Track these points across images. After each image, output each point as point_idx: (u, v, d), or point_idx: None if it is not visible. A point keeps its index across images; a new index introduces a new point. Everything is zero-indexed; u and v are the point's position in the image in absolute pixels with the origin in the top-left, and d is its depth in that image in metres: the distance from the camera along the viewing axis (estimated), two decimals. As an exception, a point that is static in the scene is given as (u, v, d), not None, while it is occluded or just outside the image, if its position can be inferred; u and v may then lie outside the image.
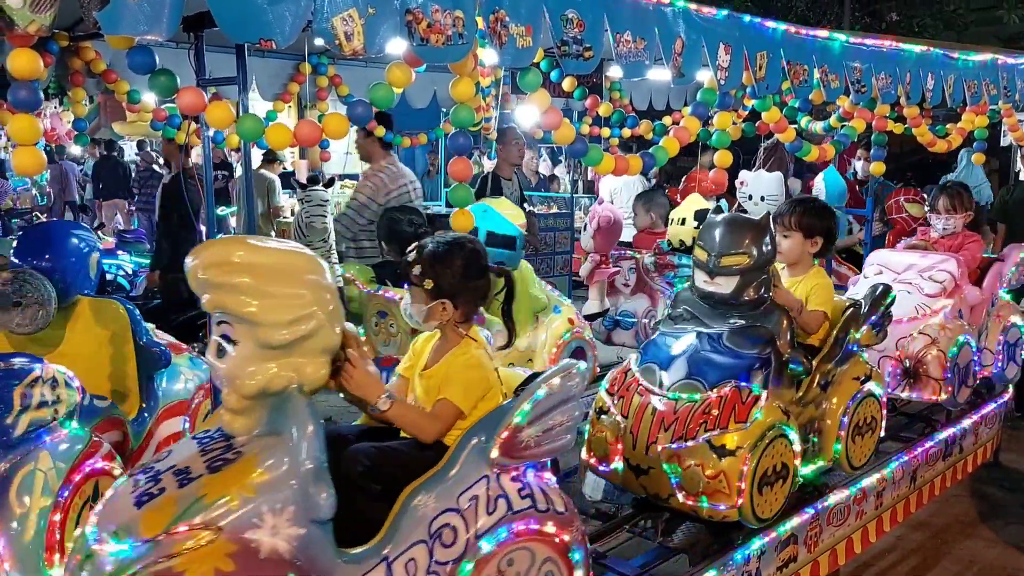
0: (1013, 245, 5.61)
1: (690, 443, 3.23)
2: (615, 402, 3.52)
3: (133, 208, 13.80)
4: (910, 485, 4.47)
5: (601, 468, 3.51)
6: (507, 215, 4.67)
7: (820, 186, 6.73)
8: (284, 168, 10.10)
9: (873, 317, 3.95)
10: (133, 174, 14.22)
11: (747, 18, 3.91)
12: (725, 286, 3.39)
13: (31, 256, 3.33)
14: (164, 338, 3.91)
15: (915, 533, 4.77)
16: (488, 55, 3.07)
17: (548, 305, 5.02)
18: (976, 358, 4.91)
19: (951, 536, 4.79)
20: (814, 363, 3.66)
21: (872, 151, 5.71)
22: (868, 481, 4.08)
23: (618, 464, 3.44)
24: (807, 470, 3.68)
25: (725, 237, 3.38)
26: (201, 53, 3.36)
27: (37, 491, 2.66)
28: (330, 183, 6.31)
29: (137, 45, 3.19)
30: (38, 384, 2.81)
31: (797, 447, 3.41)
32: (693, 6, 3.64)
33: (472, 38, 2.85)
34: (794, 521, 3.74)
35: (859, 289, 4.77)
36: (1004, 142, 7.90)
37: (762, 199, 5.78)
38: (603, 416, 3.54)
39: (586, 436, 3.61)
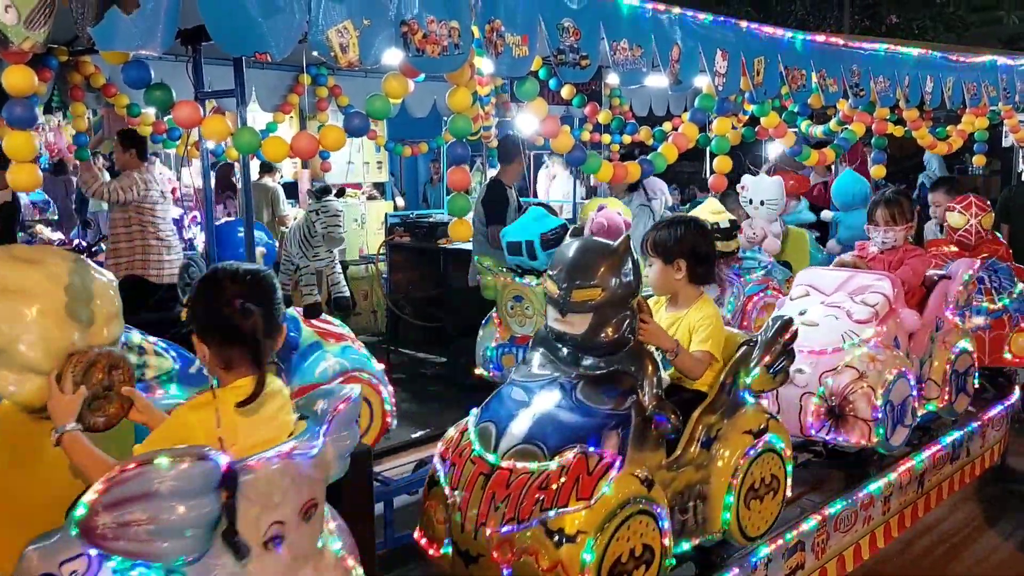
0: (961, 261, 5.14)
1: (523, 526, 2.67)
2: (447, 470, 2.94)
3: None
4: (917, 490, 4.45)
5: (431, 552, 2.97)
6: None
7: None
8: (281, 177, 10.12)
9: (768, 357, 3.30)
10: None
11: (744, 24, 3.91)
12: (578, 325, 2.87)
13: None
14: (319, 326, 4.26)
15: (923, 538, 4.74)
16: (485, 65, 3.07)
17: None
18: (915, 393, 4.21)
19: (959, 540, 4.77)
20: (694, 416, 3.09)
21: (872, 154, 5.71)
22: (875, 486, 4.08)
23: (447, 548, 2.90)
24: (688, 546, 3.13)
25: (575, 267, 2.86)
26: (199, 66, 3.37)
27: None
28: (340, 193, 6.31)
29: (133, 59, 3.20)
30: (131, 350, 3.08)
31: (666, 523, 2.84)
32: (690, 13, 3.63)
33: (468, 48, 2.84)
34: (801, 528, 3.73)
35: (785, 313, 4.22)
36: (1006, 143, 7.89)
37: (762, 203, 5.75)
38: (434, 487, 2.98)
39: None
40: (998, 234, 6.09)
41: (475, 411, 3.07)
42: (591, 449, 2.73)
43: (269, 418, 2.12)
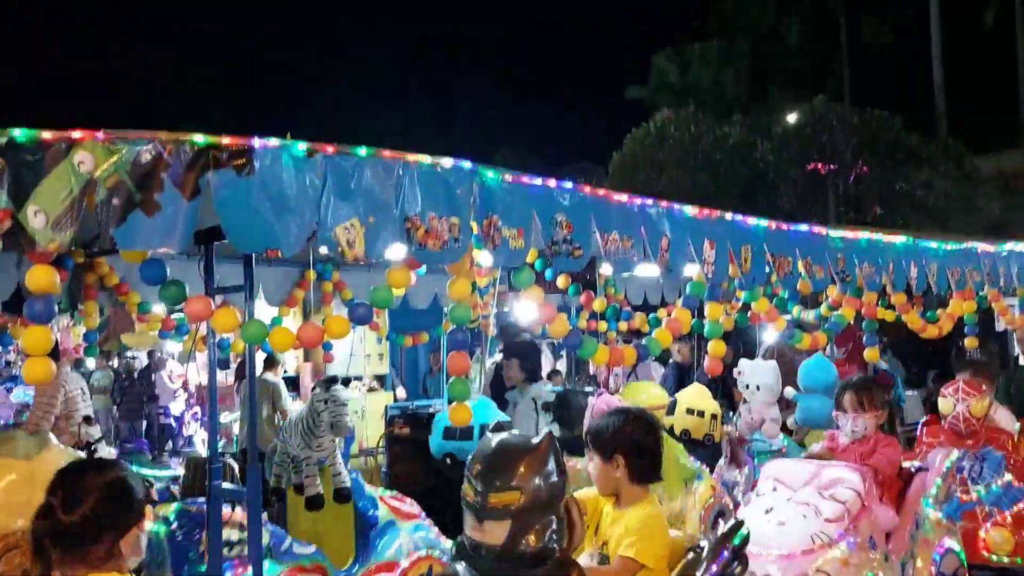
0: (937, 450, 4.89)
1: None
2: None
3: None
4: None
5: None
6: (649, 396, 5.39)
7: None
8: (285, 371, 10.21)
9: (715, 566, 2.94)
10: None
11: (729, 216, 4.12)
12: (495, 533, 2.56)
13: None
14: (393, 504, 4.55)
15: None
16: (483, 257, 3.23)
17: (694, 473, 5.30)
18: None
19: None
20: None
21: (865, 338, 5.83)
22: None
23: None
24: None
25: (491, 467, 2.59)
26: (211, 264, 3.53)
27: None
28: (347, 382, 6.37)
29: (150, 258, 3.36)
30: (226, 526, 3.60)
31: None
32: (676, 206, 3.85)
33: (467, 241, 3.01)
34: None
35: (748, 512, 4.10)
36: (999, 327, 8.05)
37: (758, 388, 5.80)
38: None
39: None
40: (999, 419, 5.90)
41: None
42: None
43: None
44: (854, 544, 3.81)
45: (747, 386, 6.06)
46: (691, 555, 3.00)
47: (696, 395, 5.88)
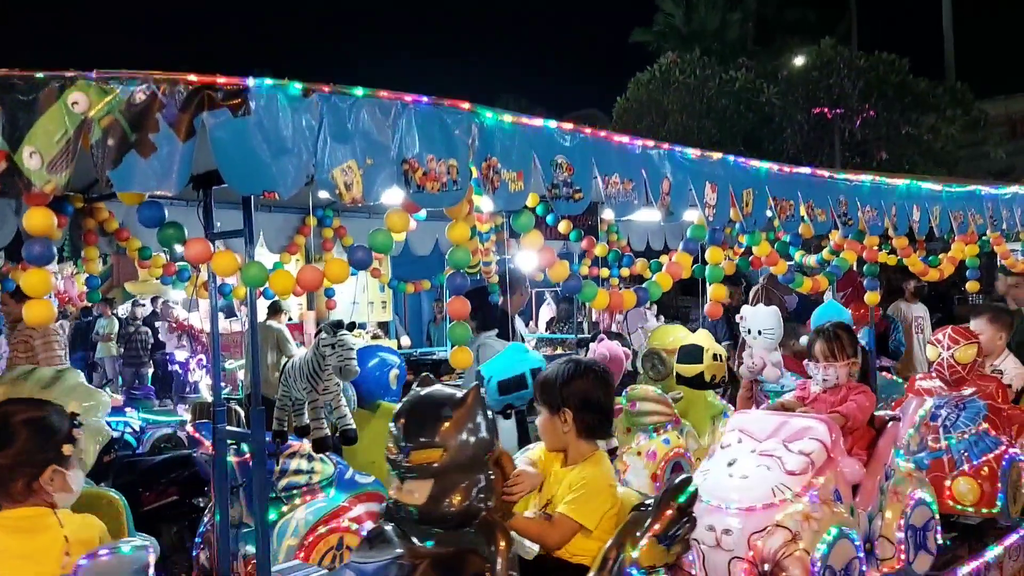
0: (911, 398, 5.00)
1: None
2: None
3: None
4: (933, 621, 4.30)
5: None
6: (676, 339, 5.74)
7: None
8: (290, 319, 10.27)
9: (657, 525, 2.78)
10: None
11: (731, 159, 4.08)
12: (417, 493, 2.48)
13: None
14: None
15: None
16: (483, 202, 3.21)
17: (721, 410, 5.68)
18: (861, 555, 3.71)
19: None
20: None
21: (865, 282, 5.82)
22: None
23: None
24: None
25: (413, 422, 2.49)
26: (209, 209, 3.52)
27: (289, 533, 3.63)
28: (352, 327, 6.40)
29: (147, 200, 3.35)
30: (296, 456, 3.96)
31: None
32: (678, 148, 3.81)
33: (466, 184, 2.99)
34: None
35: (711, 464, 4.02)
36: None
37: (759, 333, 5.83)
38: None
39: None
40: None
41: None
42: None
43: None
44: (817, 497, 3.66)
45: (748, 331, 6.09)
46: (633, 515, 2.89)
47: (703, 339, 5.98)
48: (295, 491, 3.85)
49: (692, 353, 5.86)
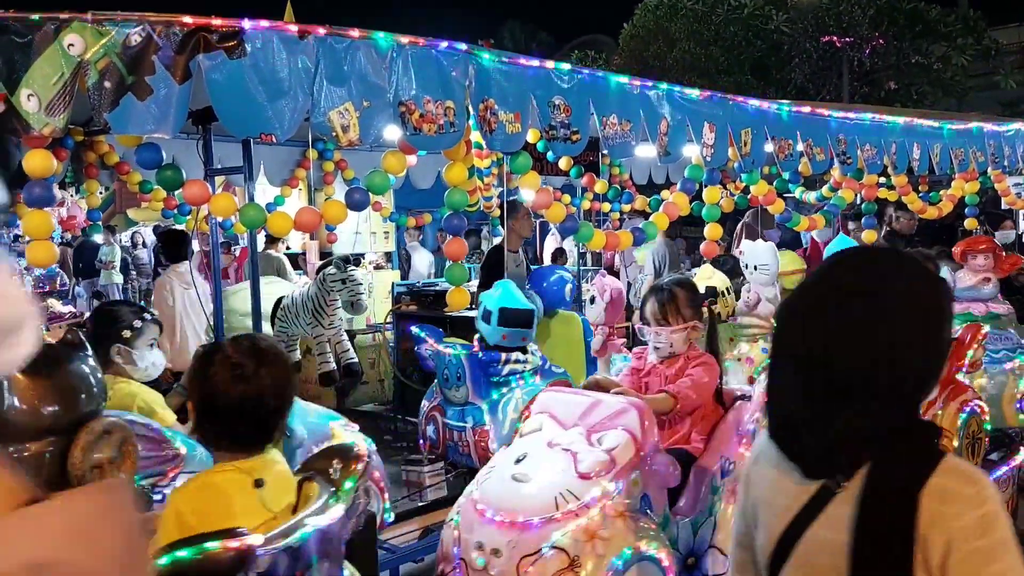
0: (758, 382, 3.98)
1: None
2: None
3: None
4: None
5: None
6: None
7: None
8: (288, 248, 10.31)
9: None
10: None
11: (730, 98, 4.07)
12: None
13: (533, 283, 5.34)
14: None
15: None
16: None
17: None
18: None
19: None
20: None
21: (863, 219, 5.84)
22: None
23: None
24: None
25: None
26: (209, 145, 3.53)
27: (510, 409, 4.00)
28: (356, 262, 6.47)
29: (145, 142, 3.37)
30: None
31: None
32: (677, 88, 3.80)
33: (463, 126, 3.00)
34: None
35: (500, 459, 3.17)
36: (1004, 205, 8.01)
37: (755, 268, 5.89)
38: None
39: None
40: None
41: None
42: None
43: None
44: (611, 508, 2.85)
45: (747, 266, 6.15)
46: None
47: (714, 280, 6.06)
48: (513, 376, 4.43)
49: (708, 295, 5.93)
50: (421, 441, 4.63)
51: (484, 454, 3.85)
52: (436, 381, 4.35)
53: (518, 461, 3.02)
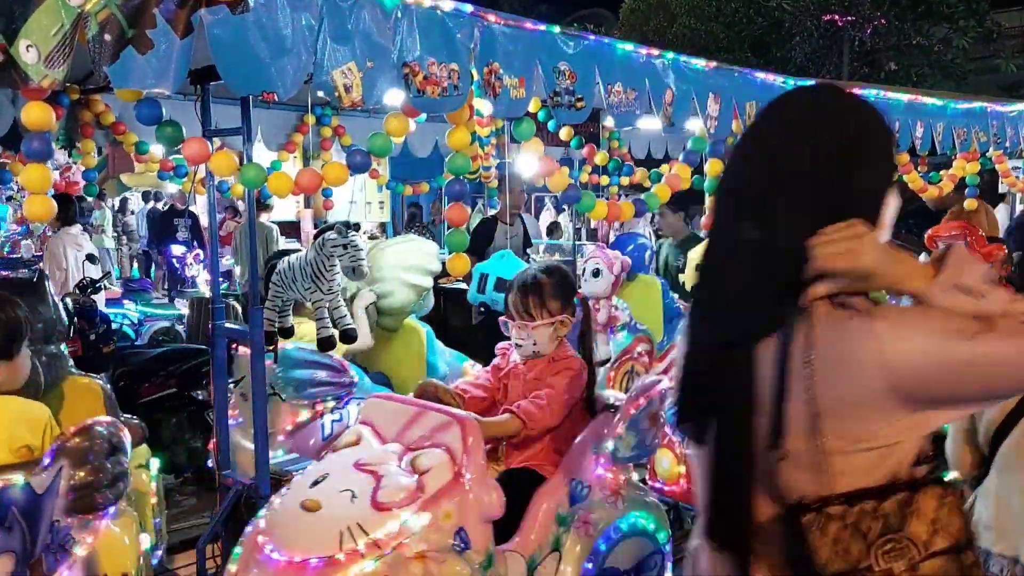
0: (647, 379, 3.05)
1: None
2: None
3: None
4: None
5: None
6: None
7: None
8: (269, 217, 10.29)
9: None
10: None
11: (736, 70, 4.03)
12: None
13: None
14: None
15: None
16: (484, 106, 3.18)
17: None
18: None
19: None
20: None
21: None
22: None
23: None
24: None
25: None
26: (207, 105, 3.49)
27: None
28: (357, 227, 6.41)
29: (145, 97, 3.32)
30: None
31: None
32: (683, 58, 3.76)
33: (467, 89, 2.96)
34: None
35: (297, 482, 2.68)
36: (1002, 189, 8.00)
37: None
38: None
39: None
40: None
41: None
42: None
43: None
44: (407, 549, 2.35)
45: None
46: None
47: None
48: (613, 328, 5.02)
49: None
50: None
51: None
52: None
53: (316, 483, 2.52)
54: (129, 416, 3.84)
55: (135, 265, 14.44)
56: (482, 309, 5.28)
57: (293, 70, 2.59)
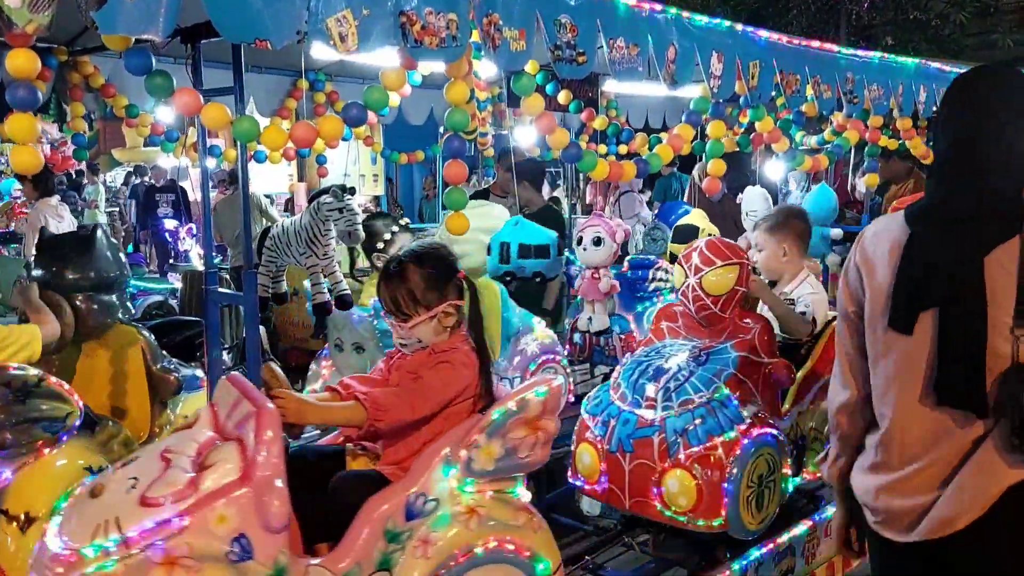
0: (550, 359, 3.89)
1: None
2: None
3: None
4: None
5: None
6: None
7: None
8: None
9: None
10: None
11: (739, 27, 3.95)
12: None
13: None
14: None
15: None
16: (482, 67, 3.11)
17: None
18: None
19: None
20: None
21: (866, 163, 5.75)
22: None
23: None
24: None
25: None
26: (198, 65, 3.40)
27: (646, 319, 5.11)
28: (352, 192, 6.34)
29: (134, 47, 3.22)
30: (660, 269, 5.59)
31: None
32: (686, 14, 3.68)
33: (466, 40, 2.88)
34: (792, 532, 3.75)
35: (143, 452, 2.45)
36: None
37: (747, 214, 5.92)
38: None
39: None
40: None
41: None
42: None
43: None
44: (159, 554, 2.04)
45: (746, 213, 6.12)
46: None
47: (698, 219, 6.00)
48: (654, 294, 5.21)
49: (687, 233, 5.85)
50: (568, 347, 5.38)
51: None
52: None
53: (125, 464, 2.32)
54: (178, 363, 4.13)
55: (122, 242, 14.36)
56: (508, 278, 5.18)
57: (288, 17, 2.51)
